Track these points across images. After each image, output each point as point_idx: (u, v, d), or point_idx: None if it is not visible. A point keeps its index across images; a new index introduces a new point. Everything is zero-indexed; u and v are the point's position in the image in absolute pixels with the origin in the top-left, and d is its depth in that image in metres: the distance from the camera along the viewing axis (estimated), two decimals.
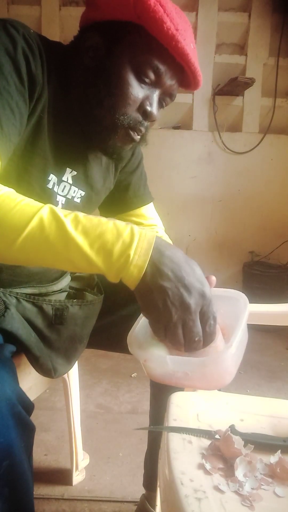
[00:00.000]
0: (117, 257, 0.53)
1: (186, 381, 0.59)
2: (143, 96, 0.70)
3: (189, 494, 0.51)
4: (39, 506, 1.09)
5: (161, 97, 0.73)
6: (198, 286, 0.55)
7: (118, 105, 0.68)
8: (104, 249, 0.53)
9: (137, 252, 0.53)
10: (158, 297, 0.54)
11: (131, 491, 1.15)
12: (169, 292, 0.54)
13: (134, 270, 0.54)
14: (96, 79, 0.69)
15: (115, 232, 0.54)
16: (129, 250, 0.53)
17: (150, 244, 0.54)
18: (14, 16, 2.53)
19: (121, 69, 0.68)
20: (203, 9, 2.52)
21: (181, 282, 0.54)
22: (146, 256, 0.54)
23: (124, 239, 0.54)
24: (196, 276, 0.55)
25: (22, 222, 0.53)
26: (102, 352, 0.97)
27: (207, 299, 0.56)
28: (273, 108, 2.63)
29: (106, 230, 0.54)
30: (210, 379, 0.58)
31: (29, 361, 0.75)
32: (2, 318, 0.71)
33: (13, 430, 0.56)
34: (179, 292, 0.54)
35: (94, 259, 0.54)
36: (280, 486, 0.54)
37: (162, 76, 0.69)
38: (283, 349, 2.25)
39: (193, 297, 0.54)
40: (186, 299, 0.54)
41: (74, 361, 0.84)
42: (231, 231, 2.79)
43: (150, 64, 0.68)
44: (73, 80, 0.71)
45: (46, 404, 1.58)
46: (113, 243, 0.53)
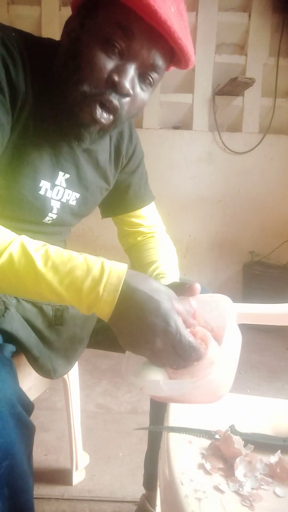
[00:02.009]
0: (86, 293, 0.53)
1: (185, 401, 0.59)
2: (112, 67, 0.63)
3: (189, 494, 0.51)
4: (39, 506, 1.09)
5: (142, 71, 0.65)
6: (160, 323, 0.53)
7: (83, 78, 0.63)
8: (74, 286, 0.53)
9: (106, 289, 0.53)
10: (129, 333, 0.54)
11: (131, 491, 1.15)
12: (135, 331, 0.53)
13: (104, 306, 0.53)
14: (68, 57, 0.65)
15: (85, 268, 0.54)
16: (99, 286, 0.53)
17: (120, 279, 0.53)
18: (14, 16, 2.54)
19: (88, 41, 0.63)
20: (203, 9, 2.52)
21: (144, 321, 0.53)
22: (115, 292, 0.53)
23: (93, 275, 0.53)
24: (160, 313, 0.53)
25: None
26: (102, 352, 0.97)
27: (172, 335, 0.53)
28: (273, 108, 2.63)
29: (76, 266, 0.54)
30: (208, 395, 0.58)
31: (29, 361, 0.75)
32: (2, 318, 0.71)
33: (13, 430, 0.56)
34: (143, 332, 0.53)
35: (64, 295, 0.54)
36: (280, 486, 0.54)
37: (132, 43, 0.62)
38: (283, 349, 2.25)
39: (158, 337, 0.53)
40: (150, 339, 0.53)
41: (74, 362, 0.84)
42: (231, 231, 2.79)
43: (117, 28, 0.61)
44: (56, 70, 0.68)
45: (46, 404, 1.58)
46: (82, 280, 0.53)
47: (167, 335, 0.53)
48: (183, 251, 2.76)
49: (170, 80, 2.61)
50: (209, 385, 0.55)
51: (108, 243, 2.44)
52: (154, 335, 0.53)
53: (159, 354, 0.54)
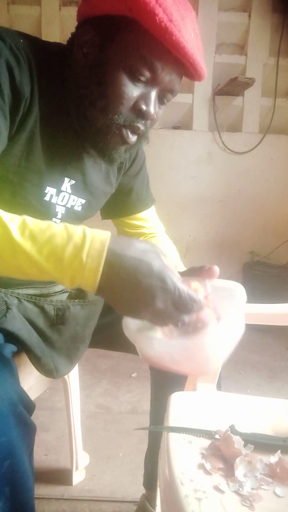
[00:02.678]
0: (68, 262, 0.49)
1: (173, 365, 0.58)
2: (138, 95, 0.66)
3: (189, 494, 0.51)
4: (39, 506, 1.09)
5: (161, 94, 0.69)
6: (157, 284, 0.50)
7: (111, 106, 0.65)
8: (54, 255, 0.50)
9: (89, 255, 0.49)
10: (125, 300, 0.51)
11: (131, 491, 1.15)
12: (130, 297, 0.51)
13: (89, 275, 0.50)
14: (89, 79, 0.66)
15: (65, 235, 0.50)
16: (81, 253, 0.49)
17: (104, 244, 0.50)
18: (14, 16, 2.54)
19: (113, 68, 0.64)
20: (203, 9, 2.52)
21: (140, 286, 0.50)
22: (99, 258, 0.49)
23: (75, 242, 0.50)
24: (154, 273, 0.50)
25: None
26: (102, 352, 0.97)
27: (171, 292, 0.51)
28: (273, 108, 2.63)
29: (56, 234, 0.50)
30: (195, 362, 0.58)
31: (31, 361, 0.75)
32: (3, 318, 0.71)
33: (14, 429, 0.56)
34: (140, 296, 0.50)
35: (44, 266, 0.50)
36: (280, 486, 0.54)
37: (158, 72, 0.65)
38: (283, 349, 2.25)
39: (157, 297, 0.51)
40: (149, 301, 0.51)
41: (76, 361, 0.84)
42: (231, 231, 2.79)
43: (144, 61, 0.63)
44: (68, 81, 0.69)
45: (46, 404, 1.58)
46: (63, 248, 0.50)
47: (166, 293, 0.51)
48: (183, 251, 2.76)
49: None
50: (199, 351, 0.56)
51: None
52: (153, 297, 0.50)
53: (160, 314, 0.52)
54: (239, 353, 1.18)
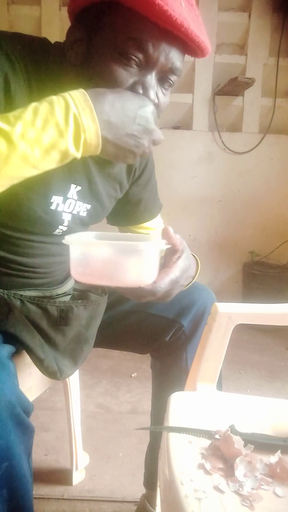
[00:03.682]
0: (64, 122, 0.51)
1: (72, 262, 0.60)
2: (133, 81, 0.61)
3: (189, 494, 0.51)
4: (39, 506, 1.09)
5: (161, 76, 0.64)
6: (143, 125, 0.58)
7: None
8: (48, 123, 0.50)
9: (78, 106, 0.52)
10: (115, 149, 0.58)
11: (131, 491, 1.15)
12: (118, 150, 0.58)
13: (87, 121, 0.53)
14: (82, 75, 0.63)
15: (47, 104, 0.52)
16: (70, 108, 0.52)
17: (83, 92, 0.54)
18: (14, 16, 2.54)
19: (102, 57, 0.60)
20: (203, 9, 2.52)
21: (127, 131, 0.57)
22: (89, 106, 0.53)
23: (59, 103, 0.52)
24: (141, 122, 0.58)
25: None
26: (102, 352, 0.97)
27: (151, 130, 0.60)
28: (273, 108, 2.63)
29: (36, 106, 0.51)
30: (82, 263, 0.59)
31: (34, 363, 0.75)
32: (5, 321, 0.71)
33: (12, 432, 0.56)
34: (130, 144, 0.58)
35: (46, 139, 0.50)
36: (280, 486, 0.54)
37: (151, 51, 0.59)
38: (283, 349, 2.25)
39: (144, 142, 0.59)
40: (136, 148, 0.59)
41: (80, 363, 0.84)
42: (231, 231, 2.79)
43: (133, 42, 0.58)
44: (66, 84, 0.65)
45: (46, 404, 1.58)
46: (52, 113, 0.51)
47: (148, 132, 0.59)
48: None
49: None
50: (103, 254, 0.57)
51: None
52: (140, 138, 0.58)
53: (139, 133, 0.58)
54: (239, 353, 1.19)
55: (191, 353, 0.86)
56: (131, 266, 0.58)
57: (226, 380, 0.93)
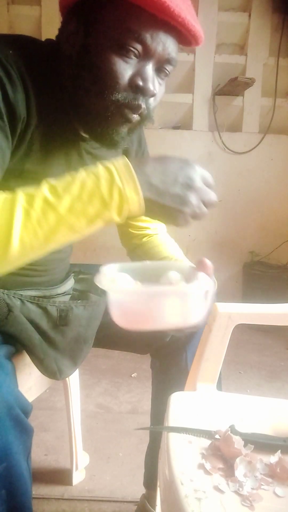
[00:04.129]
0: (108, 195, 0.54)
1: (111, 310, 0.59)
2: (134, 72, 0.62)
3: (189, 494, 0.51)
4: (39, 506, 1.09)
5: (158, 67, 0.65)
6: (190, 189, 0.58)
7: (105, 88, 0.62)
8: (94, 196, 0.53)
9: (123, 180, 0.54)
10: (161, 212, 0.59)
11: (131, 491, 1.15)
12: (171, 208, 0.58)
13: (133, 197, 0.55)
14: (79, 67, 0.63)
15: (93, 176, 0.54)
16: (115, 182, 0.54)
17: (127, 165, 0.55)
18: (14, 16, 2.53)
19: (101, 48, 0.61)
20: (203, 9, 2.52)
21: (170, 191, 0.57)
22: (132, 178, 0.54)
23: (105, 177, 0.54)
24: (184, 182, 0.58)
25: (6, 224, 0.50)
26: (102, 352, 0.97)
27: (197, 188, 0.59)
28: (273, 108, 2.63)
29: (84, 180, 0.54)
30: (125, 312, 0.59)
31: (34, 363, 0.75)
32: (5, 321, 0.71)
33: (11, 432, 0.56)
34: (177, 205, 0.58)
35: (91, 211, 0.53)
36: (280, 486, 0.54)
37: (149, 42, 0.60)
38: (283, 349, 2.25)
39: (192, 200, 0.59)
40: (184, 206, 0.59)
41: (80, 362, 0.84)
42: (231, 231, 2.79)
43: (131, 33, 0.59)
44: (62, 78, 0.66)
45: (46, 404, 1.58)
46: (98, 186, 0.53)
47: (192, 189, 0.58)
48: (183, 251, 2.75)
49: (170, 80, 2.61)
50: (152, 299, 0.56)
51: (108, 243, 2.43)
52: (186, 197, 0.58)
53: (191, 193, 0.59)
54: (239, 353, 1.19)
55: (191, 353, 0.86)
56: (175, 310, 0.58)
57: (226, 380, 0.93)
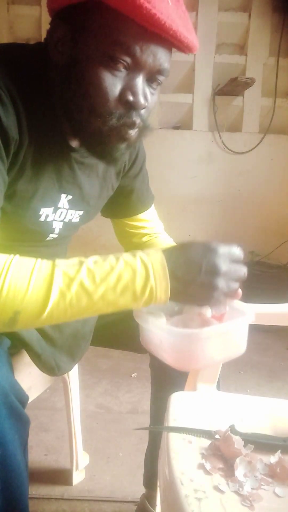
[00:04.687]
0: (141, 292, 0.56)
1: (160, 351, 0.62)
2: (123, 86, 0.60)
3: (189, 494, 0.51)
4: (39, 506, 1.09)
5: (149, 77, 0.62)
6: (215, 275, 0.58)
7: (96, 106, 0.60)
8: (127, 290, 0.55)
9: (156, 280, 0.56)
10: (190, 299, 0.60)
11: (131, 491, 1.15)
12: (200, 295, 0.58)
13: (161, 295, 0.56)
14: (69, 79, 0.61)
15: (130, 270, 0.56)
16: (149, 281, 0.56)
17: (164, 266, 0.56)
18: (14, 16, 2.53)
19: (89, 61, 0.58)
20: (203, 9, 2.52)
21: (196, 281, 0.57)
22: (165, 279, 0.56)
23: (140, 273, 0.56)
24: (209, 269, 0.57)
25: (41, 301, 0.53)
26: (102, 352, 0.97)
27: (223, 273, 0.58)
28: (273, 108, 2.63)
29: (121, 272, 0.56)
30: (176, 354, 0.61)
31: (31, 359, 0.75)
32: None
33: (5, 420, 0.56)
34: (205, 292, 0.58)
35: (121, 302, 0.56)
36: (280, 486, 0.54)
37: (138, 55, 0.58)
38: (283, 349, 2.24)
39: (219, 285, 0.58)
40: (212, 292, 0.58)
41: (78, 358, 0.84)
42: (231, 231, 2.79)
43: (119, 46, 0.57)
44: (53, 88, 0.64)
45: (46, 404, 1.57)
46: (133, 281, 0.55)
47: (218, 277, 0.58)
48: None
49: (170, 80, 2.61)
50: (189, 340, 0.59)
51: (108, 242, 2.43)
52: (214, 288, 0.58)
53: (223, 287, 0.59)
54: None
55: None
56: (223, 346, 0.63)
57: (226, 380, 0.93)
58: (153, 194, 0.98)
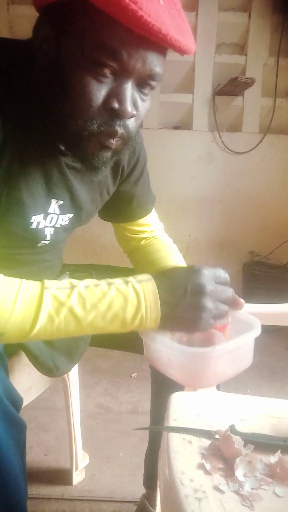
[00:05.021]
0: (131, 320, 0.56)
1: (169, 369, 0.61)
2: (108, 92, 0.56)
3: (189, 494, 0.51)
4: (39, 506, 1.09)
5: (140, 83, 0.58)
6: (201, 295, 0.58)
7: (77, 110, 0.57)
8: (117, 318, 0.56)
9: (147, 309, 0.56)
10: (179, 324, 0.59)
11: (131, 491, 1.15)
12: (188, 318, 0.58)
13: (151, 324, 0.57)
14: (52, 81, 0.58)
15: (122, 298, 0.56)
16: (140, 310, 0.56)
17: (156, 296, 0.57)
18: (14, 16, 2.53)
19: (72, 64, 0.55)
20: (203, 9, 2.52)
21: (182, 302, 0.57)
22: (156, 308, 0.56)
23: (132, 302, 0.56)
24: (194, 290, 0.58)
25: (28, 323, 0.53)
26: (102, 352, 0.97)
27: (209, 292, 0.58)
28: (273, 108, 2.63)
29: (113, 299, 0.56)
30: (188, 373, 0.61)
31: (30, 361, 0.75)
32: None
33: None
34: (193, 313, 0.57)
35: (109, 328, 0.56)
36: (280, 486, 0.54)
37: (125, 59, 0.53)
38: (283, 349, 2.25)
39: (207, 305, 0.57)
40: (200, 313, 0.57)
41: (77, 359, 0.84)
42: (231, 231, 2.79)
43: (105, 49, 0.52)
44: (38, 89, 0.61)
45: (46, 404, 1.57)
46: (124, 310, 0.56)
47: (204, 310, 0.57)
48: (183, 251, 2.73)
49: (170, 80, 2.61)
50: (198, 359, 0.59)
51: (108, 243, 2.44)
52: (201, 318, 0.57)
53: (209, 315, 0.58)
54: None
55: None
56: (233, 361, 0.63)
57: None
58: (154, 196, 0.96)
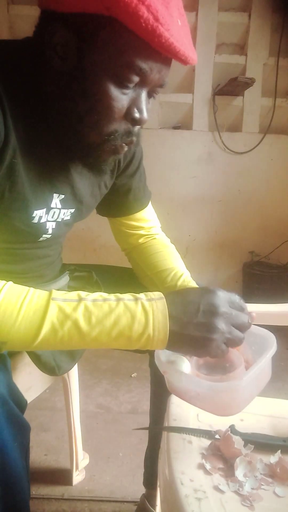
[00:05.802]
0: (137, 338, 0.55)
1: (197, 402, 0.60)
2: (129, 102, 0.61)
3: (189, 494, 0.51)
4: (39, 506, 1.09)
5: (151, 91, 0.64)
6: (213, 315, 0.57)
7: (102, 123, 0.60)
8: (123, 335, 0.54)
9: (155, 329, 0.55)
10: (188, 345, 0.57)
11: (131, 491, 1.15)
12: (198, 338, 0.56)
13: (158, 344, 0.55)
14: (72, 89, 0.60)
15: (129, 315, 0.55)
16: (148, 329, 0.54)
17: (165, 315, 0.55)
18: (14, 16, 2.53)
19: (99, 78, 0.58)
20: (203, 9, 2.52)
21: (193, 321, 0.56)
22: (165, 328, 0.55)
23: (139, 320, 0.54)
24: (207, 309, 0.57)
25: (31, 333, 0.52)
26: (102, 352, 0.97)
27: (222, 314, 0.57)
28: (273, 108, 2.63)
29: (120, 316, 0.54)
30: (218, 405, 0.60)
31: (32, 360, 0.75)
32: None
33: (5, 428, 0.55)
34: (204, 334, 0.56)
35: (113, 344, 0.55)
36: (280, 486, 0.54)
37: (147, 75, 0.59)
38: (283, 349, 2.25)
39: (219, 326, 0.56)
40: (212, 334, 0.56)
41: (78, 358, 0.85)
42: (231, 231, 2.79)
43: (132, 67, 0.57)
44: (45, 89, 0.62)
45: (46, 404, 1.57)
46: (130, 327, 0.54)
47: (216, 332, 0.56)
48: (183, 251, 2.75)
49: (170, 80, 2.58)
50: (224, 395, 0.57)
51: (108, 243, 2.44)
52: (211, 340, 0.56)
53: (223, 341, 0.57)
54: None
55: None
56: (258, 382, 0.64)
57: None
58: (150, 191, 0.97)
